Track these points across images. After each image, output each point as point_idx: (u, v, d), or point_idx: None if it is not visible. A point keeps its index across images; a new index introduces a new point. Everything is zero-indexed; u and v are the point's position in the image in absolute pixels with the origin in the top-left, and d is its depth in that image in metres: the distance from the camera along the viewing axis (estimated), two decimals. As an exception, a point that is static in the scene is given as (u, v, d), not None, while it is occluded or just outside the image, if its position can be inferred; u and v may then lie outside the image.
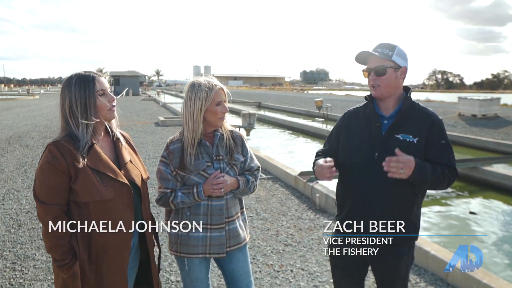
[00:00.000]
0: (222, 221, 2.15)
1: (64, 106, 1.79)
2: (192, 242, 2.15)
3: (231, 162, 2.20)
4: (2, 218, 5.06)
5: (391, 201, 1.99)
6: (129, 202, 1.85)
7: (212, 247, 2.16)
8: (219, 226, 2.15)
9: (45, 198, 1.72)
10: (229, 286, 2.34)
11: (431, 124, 1.98)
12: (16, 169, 7.78)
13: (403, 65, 1.98)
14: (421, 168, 1.84)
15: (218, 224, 2.15)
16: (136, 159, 2.06)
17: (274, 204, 5.88)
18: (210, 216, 2.14)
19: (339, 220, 2.17)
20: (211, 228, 2.14)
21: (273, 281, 3.58)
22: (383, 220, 1.99)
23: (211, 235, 2.14)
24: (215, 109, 2.12)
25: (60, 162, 1.71)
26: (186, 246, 2.17)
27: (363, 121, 2.11)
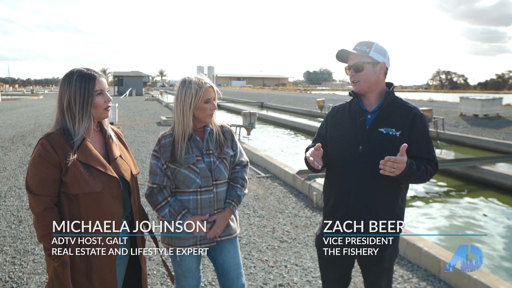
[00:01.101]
0: (211, 213, 2.21)
1: (62, 100, 1.86)
2: (183, 236, 2.21)
3: (221, 156, 2.26)
4: (4, 214, 5.14)
5: (376, 193, 2.04)
6: (117, 195, 1.91)
7: (202, 238, 2.22)
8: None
9: (37, 190, 1.79)
10: (220, 277, 2.40)
11: (413, 118, 2.04)
12: (19, 167, 7.88)
13: (382, 61, 2.03)
14: (409, 169, 1.90)
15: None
16: (126, 155, 2.12)
17: (272, 202, 5.94)
18: (200, 209, 2.20)
19: (324, 214, 2.24)
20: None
21: (266, 276, 3.64)
22: (367, 212, 2.05)
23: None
24: (204, 106, 2.17)
25: (51, 156, 1.78)
26: (178, 239, 2.23)
27: (348, 116, 2.17)
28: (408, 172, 1.89)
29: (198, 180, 2.17)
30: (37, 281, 3.42)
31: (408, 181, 2.05)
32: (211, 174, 2.20)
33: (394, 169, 1.85)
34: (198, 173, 2.18)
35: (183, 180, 2.18)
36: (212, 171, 2.21)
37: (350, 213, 2.10)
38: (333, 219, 2.17)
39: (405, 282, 3.60)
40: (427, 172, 2.01)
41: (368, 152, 2.03)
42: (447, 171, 8.85)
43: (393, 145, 1.97)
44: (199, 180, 2.17)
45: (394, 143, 1.99)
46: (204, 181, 2.18)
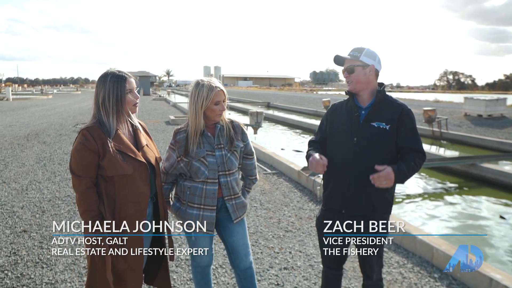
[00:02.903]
0: (214, 203, 2.51)
1: (98, 97, 2.20)
2: (187, 217, 2.54)
3: (231, 149, 2.57)
4: (27, 205, 5.52)
5: (368, 179, 2.35)
6: (146, 177, 2.24)
7: (203, 224, 2.52)
8: (210, 207, 2.51)
9: (79, 172, 2.13)
10: (230, 256, 2.72)
11: (401, 113, 2.35)
12: (36, 163, 8.27)
13: (371, 64, 2.34)
14: (399, 174, 2.22)
15: (210, 205, 2.51)
16: (151, 144, 2.46)
17: (278, 196, 6.26)
18: (204, 198, 2.51)
19: (324, 199, 2.56)
20: (204, 208, 2.51)
21: (272, 261, 3.96)
22: (361, 197, 2.36)
23: (204, 214, 2.51)
24: (213, 108, 2.46)
25: (91, 144, 2.12)
26: (184, 219, 2.56)
27: (345, 112, 2.49)
28: (401, 177, 2.23)
29: (207, 172, 2.48)
30: (64, 263, 3.77)
31: (405, 179, 2.33)
32: (223, 165, 2.51)
33: (385, 182, 2.19)
34: (207, 166, 2.48)
35: (195, 171, 2.49)
36: (225, 162, 2.52)
37: (346, 198, 2.41)
38: (331, 203, 2.49)
39: (400, 267, 3.90)
40: (416, 164, 2.32)
41: (361, 143, 2.35)
42: (448, 169, 9.12)
43: (384, 137, 2.32)
44: (207, 172, 2.48)
45: (384, 135, 2.32)
46: (211, 174, 2.49)
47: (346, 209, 2.41)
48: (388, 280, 3.65)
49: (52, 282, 3.46)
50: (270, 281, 3.56)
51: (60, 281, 3.47)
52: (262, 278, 3.59)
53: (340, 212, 2.44)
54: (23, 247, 4.15)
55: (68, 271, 3.64)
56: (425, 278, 3.68)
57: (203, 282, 2.79)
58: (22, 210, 5.34)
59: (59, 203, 5.62)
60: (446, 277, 3.69)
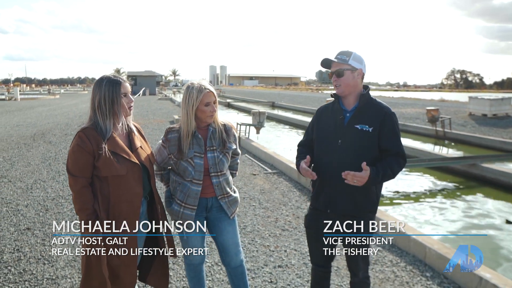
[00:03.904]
0: (195, 203, 2.60)
1: (94, 100, 2.31)
2: (169, 210, 2.66)
3: (224, 150, 2.66)
4: (32, 204, 5.66)
5: None
6: (139, 178, 2.35)
7: (182, 220, 2.62)
8: (191, 206, 2.61)
9: (75, 172, 2.24)
10: (221, 254, 2.83)
11: (383, 116, 2.42)
12: (42, 163, 8.44)
13: (359, 67, 2.43)
14: (373, 181, 2.32)
15: (191, 205, 2.60)
16: (145, 146, 2.56)
17: (277, 195, 6.35)
18: (187, 197, 2.60)
19: (312, 198, 2.65)
20: (185, 206, 2.61)
21: (267, 259, 4.06)
22: (345, 195, 2.45)
23: (184, 212, 2.61)
24: (204, 109, 2.55)
25: (87, 145, 2.22)
26: (168, 211, 2.68)
27: (331, 115, 2.57)
28: (373, 182, 2.32)
29: (193, 172, 2.57)
30: (65, 259, 3.89)
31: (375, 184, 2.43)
32: (215, 166, 2.60)
33: (356, 181, 2.28)
34: (194, 167, 2.57)
35: (183, 170, 2.59)
36: (217, 164, 2.62)
37: (331, 197, 2.50)
38: (317, 201, 2.58)
39: (393, 266, 3.98)
40: (393, 172, 2.40)
41: (345, 145, 2.44)
42: (449, 169, 9.16)
43: (366, 139, 2.40)
44: (194, 173, 2.57)
45: (367, 137, 2.41)
46: (197, 175, 2.58)
47: (331, 209, 2.50)
48: (380, 278, 3.73)
49: (53, 278, 3.58)
50: (264, 278, 3.65)
51: (61, 277, 3.60)
52: (256, 276, 3.69)
53: (325, 211, 2.52)
54: (26, 244, 4.28)
55: (68, 267, 3.76)
56: (417, 277, 3.75)
57: (196, 279, 2.89)
58: (27, 208, 5.48)
59: (62, 202, 5.76)
60: (437, 276, 3.76)
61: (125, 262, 2.34)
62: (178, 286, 3.50)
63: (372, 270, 3.86)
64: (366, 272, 2.69)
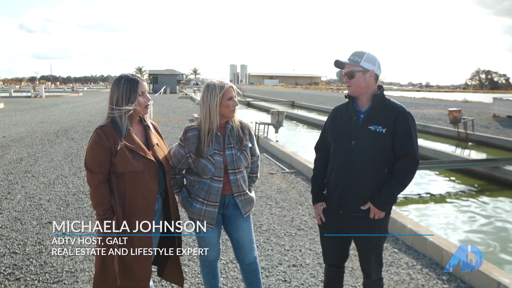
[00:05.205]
0: (217, 200, 2.63)
1: (112, 98, 2.37)
2: (191, 209, 2.69)
3: (241, 148, 2.69)
4: (53, 198, 5.82)
5: (364, 179, 2.43)
6: (154, 174, 2.39)
7: (205, 217, 2.66)
8: (213, 204, 2.64)
9: (93, 168, 2.30)
10: (236, 250, 2.86)
11: (396, 116, 2.40)
12: (64, 159, 8.65)
13: (371, 69, 2.41)
14: (384, 204, 2.44)
15: (213, 202, 2.63)
16: (162, 143, 2.60)
17: (293, 195, 6.35)
18: (209, 194, 2.63)
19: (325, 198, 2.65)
20: (207, 203, 2.63)
21: (282, 258, 4.07)
22: (358, 194, 2.44)
23: (206, 209, 2.64)
24: (227, 103, 2.59)
25: (105, 142, 2.28)
26: (188, 210, 2.72)
27: (345, 116, 2.57)
28: (387, 204, 2.45)
29: (213, 170, 2.60)
30: (84, 254, 3.99)
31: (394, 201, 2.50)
32: (233, 164, 2.63)
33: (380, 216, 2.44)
34: (214, 164, 2.61)
35: (202, 168, 2.62)
36: (234, 161, 2.64)
37: (343, 199, 2.49)
38: (330, 203, 2.59)
39: (409, 268, 3.93)
40: (402, 181, 2.44)
41: (359, 146, 2.43)
42: (470, 171, 8.97)
43: (380, 140, 2.39)
44: (214, 170, 2.60)
45: (380, 138, 2.39)
46: (217, 172, 2.61)
47: (343, 209, 2.50)
48: (396, 280, 3.70)
49: (72, 271, 3.68)
50: (278, 277, 3.67)
51: (80, 270, 3.69)
52: (270, 274, 3.71)
53: (338, 212, 2.52)
54: (47, 238, 4.41)
55: (87, 261, 3.86)
56: (433, 280, 3.70)
57: (210, 275, 2.92)
58: (49, 203, 5.64)
59: (82, 197, 5.90)
60: (454, 279, 3.70)
61: (140, 257, 2.39)
62: (193, 282, 3.55)
63: (387, 272, 3.83)
64: (379, 274, 2.68)
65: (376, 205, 2.40)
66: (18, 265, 3.78)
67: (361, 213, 2.46)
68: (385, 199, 2.40)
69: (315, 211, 2.71)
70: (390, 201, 2.43)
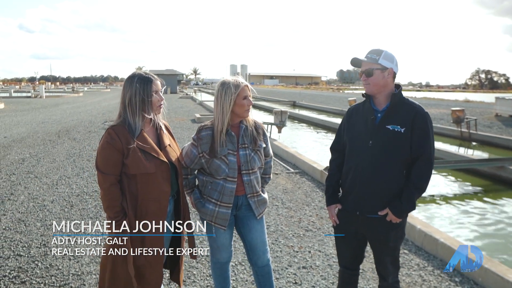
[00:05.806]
0: (230, 201, 2.57)
1: (125, 97, 2.29)
2: (204, 210, 2.62)
3: (255, 148, 2.62)
4: (57, 200, 5.75)
5: (382, 180, 2.36)
6: (167, 176, 2.33)
7: (217, 219, 2.60)
8: (226, 205, 2.57)
9: (105, 169, 2.23)
10: (248, 252, 2.79)
11: (414, 115, 2.33)
12: (66, 159, 8.58)
13: (389, 67, 2.34)
14: (403, 211, 2.36)
15: (227, 203, 2.57)
16: (174, 144, 2.54)
17: (300, 195, 6.28)
18: (222, 195, 2.57)
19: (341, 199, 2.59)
20: (220, 204, 2.57)
21: (291, 260, 4.00)
22: (374, 196, 2.38)
23: (219, 210, 2.57)
24: (242, 102, 2.52)
25: (116, 142, 2.21)
26: (200, 211, 2.65)
27: (362, 115, 2.50)
28: (406, 211, 2.38)
29: (227, 170, 2.53)
30: (90, 255, 3.93)
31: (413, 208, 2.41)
32: (247, 164, 2.56)
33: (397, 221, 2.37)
34: (228, 164, 2.54)
35: (215, 168, 2.55)
36: (248, 161, 2.58)
37: (360, 200, 2.43)
38: (346, 204, 2.52)
39: (420, 270, 3.87)
40: (421, 186, 2.37)
41: (376, 146, 2.36)
42: (475, 171, 8.91)
43: (398, 140, 2.32)
44: (228, 170, 2.53)
45: (399, 138, 2.32)
46: (231, 172, 2.54)
47: (360, 211, 2.43)
48: (407, 282, 3.64)
49: (79, 274, 3.62)
50: (288, 279, 3.60)
51: (86, 273, 3.63)
52: (281, 276, 3.64)
53: (354, 213, 2.46)
54: (52, 239, 4.34)
55: (93, 264, 3.79)
56: (446, 282, 3.64)
57: (221, 278, 2.86)
58: (52, 204, 5.57)
59: (86, 198, 5.83)
60: (467, 281, 3.64)
61: (151, 262, 2.33)
62: (202, 285, 3.48)
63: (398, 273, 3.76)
64: (396, 277, 2.61)
65: (395, 212, 2.34)
66: (23, 268, 3.72)
67: (379, 216, 2.39)
68: (405, 206, 2.34)
69: (329, 213, 2.65)
70: (409, 208, 2.36)
